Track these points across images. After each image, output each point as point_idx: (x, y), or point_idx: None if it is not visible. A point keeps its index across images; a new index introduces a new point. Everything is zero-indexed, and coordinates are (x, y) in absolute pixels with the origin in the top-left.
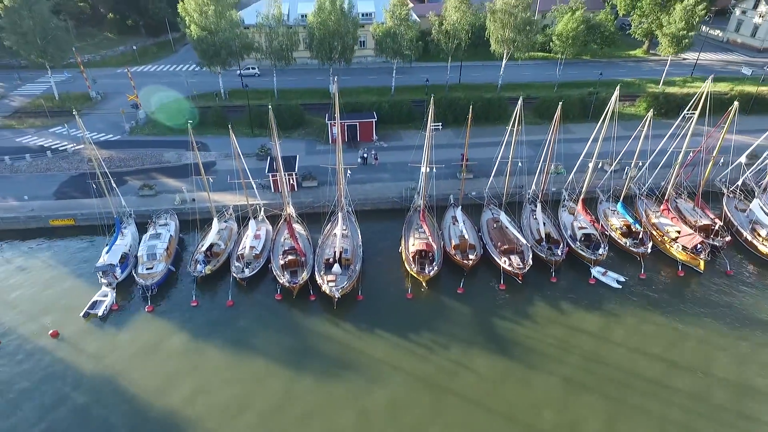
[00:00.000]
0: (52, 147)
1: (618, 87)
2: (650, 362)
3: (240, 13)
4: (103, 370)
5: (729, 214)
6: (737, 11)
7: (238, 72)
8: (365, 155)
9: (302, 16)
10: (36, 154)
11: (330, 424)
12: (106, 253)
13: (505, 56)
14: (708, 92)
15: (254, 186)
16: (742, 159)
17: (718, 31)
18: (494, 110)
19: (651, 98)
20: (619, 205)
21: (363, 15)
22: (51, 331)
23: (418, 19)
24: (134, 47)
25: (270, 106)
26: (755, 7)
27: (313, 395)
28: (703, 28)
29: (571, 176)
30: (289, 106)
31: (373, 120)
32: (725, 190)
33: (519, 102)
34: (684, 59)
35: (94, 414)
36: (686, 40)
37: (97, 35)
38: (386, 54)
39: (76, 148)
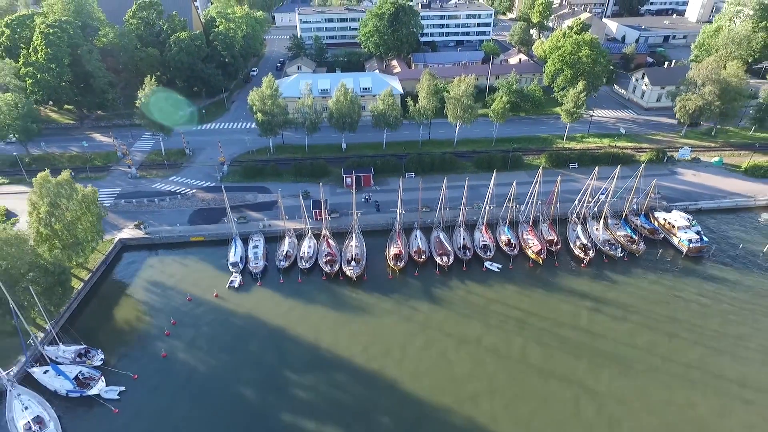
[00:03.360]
0: (177, 191)
1: (495, 173)
2: (506, 307)
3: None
4: (243, 311)
5: (567, 233)
6: (633, 78)
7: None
8: (366, 197)
9: (321, 90)
10: (171, 197)
11: (349, 333)
12: (233, 256)
13: (458, 125)
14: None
15: (306, 217)
16: (576, 200)
17: (624, 90)
18: (447, 164)
19: (547, 154)
20: (506, 228)
21: (363, 89)
22: (214, 294)
23: (402, 91)
24: (203, 111)
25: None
26: (642, 77)
27: (342, 321)
28: (615, 86)
29: (483, 209)
30: (318, 162)
31: (371, 173)
32: (570, 218)
33: (444, 185)
34: (591, 116)
35: (244, 332)
36: (575, 115)
37: None
38: (379, 126)
39: (193, 192)
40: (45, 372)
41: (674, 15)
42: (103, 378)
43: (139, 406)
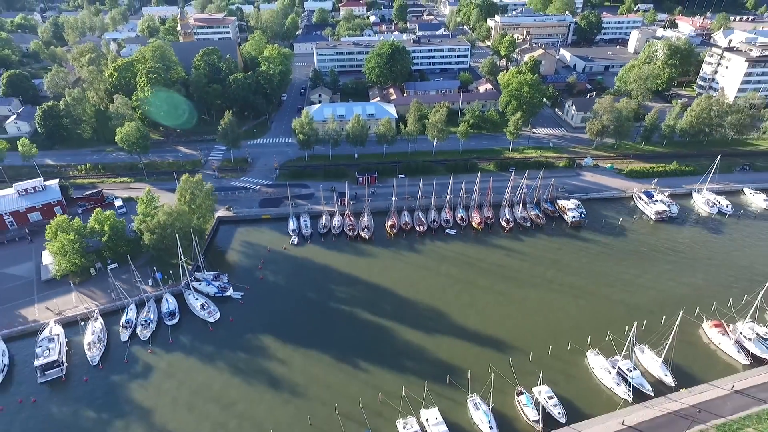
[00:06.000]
0: (248, 187)
1: (452, 175)
2: (459, 255)
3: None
4: (302, 257)
5: (499, 213)
6: (567, 104)
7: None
8: (372, 191)
9: (339, 115)
10: (245, 190)
11: (364, 268)
12: (292, 226)
13: (434, 141)
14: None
15: (336, 203)
16: (505, 193)
17: (561, 113)
18: (427, 169)
19: (496, 162)
20: (461, 209)
21: (369, 114)
22: (284, 247)
23: (396, 115)
24: (254, 130)
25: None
26: (572, 105)
27: (359, 261)
28: (556, 109)
29: (447, 198)
30: (339, 167)
31: (376, 175)
32: (502, 203)
33: (421, 183)
34: (532, 132)
35: (304, 267)
36: (515, 134)
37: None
38: (381, 142)
39: (258, 187)
40: (200, 283)
41: (618, 46)
42: (231, 287)
43: (253, 301)
